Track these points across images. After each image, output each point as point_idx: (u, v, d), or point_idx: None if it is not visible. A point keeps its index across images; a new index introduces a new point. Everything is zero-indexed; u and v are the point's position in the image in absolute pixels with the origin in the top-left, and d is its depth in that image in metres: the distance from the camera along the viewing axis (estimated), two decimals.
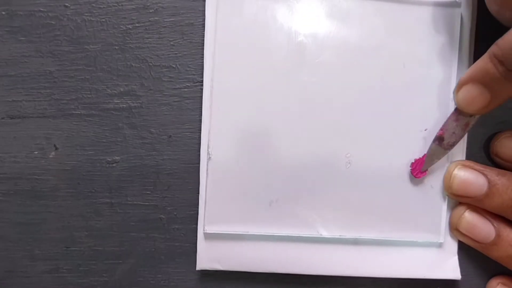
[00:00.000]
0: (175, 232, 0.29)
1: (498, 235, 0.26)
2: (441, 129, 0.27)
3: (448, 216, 0.28)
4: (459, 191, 0.26)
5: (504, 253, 0.26)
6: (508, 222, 0.26)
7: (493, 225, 0.26)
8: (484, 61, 0.24)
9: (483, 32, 0.28)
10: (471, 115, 0.26)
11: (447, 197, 0.28)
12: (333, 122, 0.27)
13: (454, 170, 0.27)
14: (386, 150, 0.27)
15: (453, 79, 0.27)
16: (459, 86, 0.25)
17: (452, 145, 0.27)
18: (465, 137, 0.28)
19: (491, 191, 0.25)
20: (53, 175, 0.28)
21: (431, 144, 0.27)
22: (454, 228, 0.27)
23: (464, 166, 0.27)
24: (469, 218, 0.27)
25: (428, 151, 0.27)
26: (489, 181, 0.26)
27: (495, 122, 0.29)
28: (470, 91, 0.25)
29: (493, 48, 0.23)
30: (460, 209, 0.27)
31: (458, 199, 0.27)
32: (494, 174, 0.26)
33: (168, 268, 0.29)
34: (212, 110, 0.27)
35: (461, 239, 0.27)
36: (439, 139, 0.27)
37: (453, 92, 0.26)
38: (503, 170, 0.26)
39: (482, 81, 0.24)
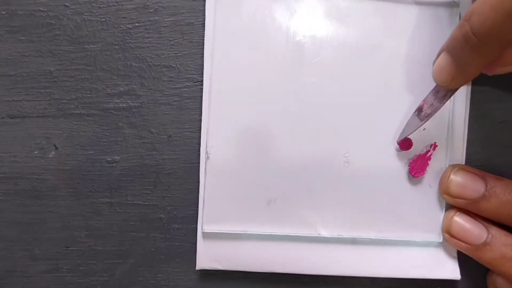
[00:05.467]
0: (175, 232, 0.29)
1: (491, 235, 0.26)
2: (422, 101, 0.26)
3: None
4: (456, 193, 0.26)
5: (497, 253, 0.25)
6: (498, 225, 0.26)
7: (484, 225, 0.26)
8: (455, 30, 0.23)
9: None
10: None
11: None
12: (331, 121, 0.27)
13: (451, 172, 0.27)
14: (384, 150, 0.28)
15: None
16: (436, 56, 0.24)
17: (428, 116, 0.26)
18: (465, 137, 0.28)
19: (489, 193, 0.25)
20: (53, 175, 0.28)
21: (411, 115, 0.27)
22: (445, 232, 0.27)
23: (462, 169, 0.27)
24: (459, 220, 0.27)
25: (407, 122, 0.27)
26: (487, 184, 0.26)
27: (495, 122, 0.29)
28: (440, 60, 0.24)
29: (465, 13, 0.22)
30: (449, 213, 0.27)
31: (453, 202, 0.27)
32: (491, 177, 0.26)
33: (168, 268, 0.29)
34: (211, 110, 0.27)
35: (453, 244, 0.27)
36: (418, 109, 0.26)
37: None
38: (499, 176, 0.26)
39: (451, 51, 0.23)
